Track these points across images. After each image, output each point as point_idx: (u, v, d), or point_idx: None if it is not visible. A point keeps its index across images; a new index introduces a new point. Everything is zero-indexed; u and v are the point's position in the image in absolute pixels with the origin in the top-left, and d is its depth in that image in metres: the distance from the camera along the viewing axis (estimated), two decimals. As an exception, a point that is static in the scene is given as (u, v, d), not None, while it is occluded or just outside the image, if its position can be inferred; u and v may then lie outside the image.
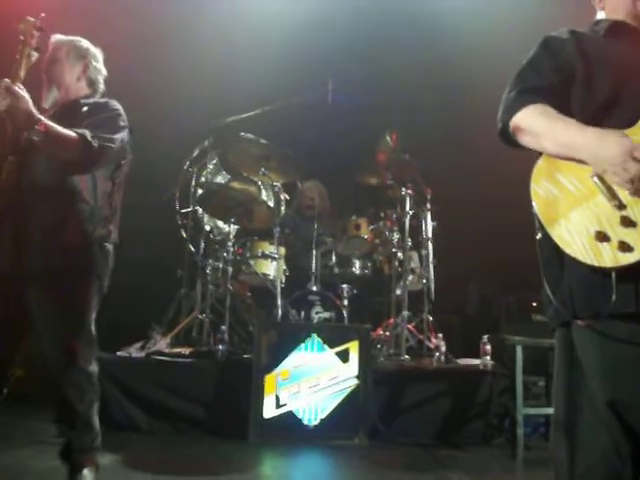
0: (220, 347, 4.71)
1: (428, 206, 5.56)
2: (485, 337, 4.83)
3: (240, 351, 4.88)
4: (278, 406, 4.29)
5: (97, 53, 3.12)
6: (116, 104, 3.01)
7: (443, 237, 5.72)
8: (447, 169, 6.28)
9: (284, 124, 5.76)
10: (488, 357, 4.80)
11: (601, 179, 1.71)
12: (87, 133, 2.72)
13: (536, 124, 1.85)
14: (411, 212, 5.44)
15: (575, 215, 1.72)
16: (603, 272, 1.66)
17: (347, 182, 6.09)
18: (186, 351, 4.80)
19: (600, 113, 1.81)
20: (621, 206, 1.67)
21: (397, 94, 6.35)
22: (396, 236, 5.47)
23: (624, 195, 1.68)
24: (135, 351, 4.81)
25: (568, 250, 1.71)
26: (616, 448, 1.70)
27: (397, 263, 5.46)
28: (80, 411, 2.80)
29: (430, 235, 5.53)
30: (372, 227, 5.58)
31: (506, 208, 4.42)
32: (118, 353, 4.74)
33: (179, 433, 4.40)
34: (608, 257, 1.65)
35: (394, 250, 5.46)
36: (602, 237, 1.66)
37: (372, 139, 5.76)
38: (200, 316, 5.20)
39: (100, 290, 2.90)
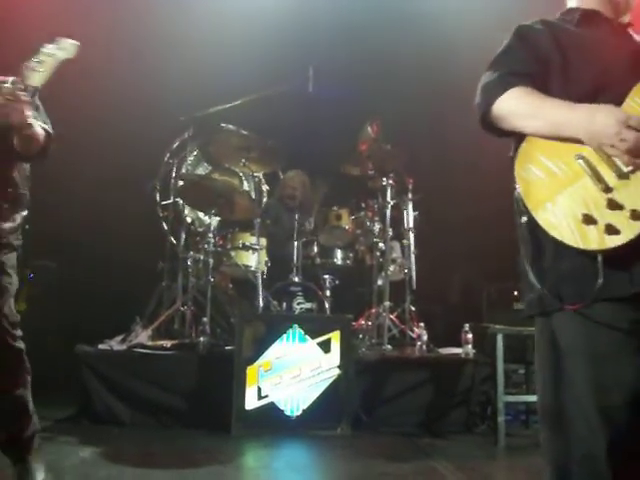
0: (202, 339, 4.70)
1: (410, 196, 5.57)
2: (466, 326, 4.85)
3: (222, 343, 4.86)
4: (260, 397, 4.28)
5: None
6: None
7: (426, 227, 5.73)
8: (430, 159, 6.29)
9: (265, 114, 5.73)
10: (470, 346, 4.82)
11: (587, 161, 1.70)
12: (48, 127, 2.71)
13: (523, 105, 1.82)
14: (392, 202, 5.44)
15: (561, 198, 1.71)
16: (590, 256, 1.66)
17: (328, 172, 6.07)
18: (168, 343, 4.78)
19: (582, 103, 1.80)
20: (607, 189, 1.66)
21: (380, 82, 6.34)
22: (377, 226, 5.47)
23: (610, 178, 1.68)
24: (116, 344, 4.79)
25: (554, 233, 1.70)
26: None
27: (378, 253, 5.46)
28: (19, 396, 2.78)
29: (412, 225, 5.54)
30: (353, 217, 5.57)
31: (489, 197, 4.42)
32: (99, 346, 4.71)
33: (161, 426, 4.39)
34: (595, 240, 1.64)
35: (375, 240, 5.46)
36: (589, 220, 1.65)
37: (354, 128, 5.75)
38: (182, 308, 5.18)
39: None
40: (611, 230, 1.62)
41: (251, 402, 4.26)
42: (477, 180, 5.81)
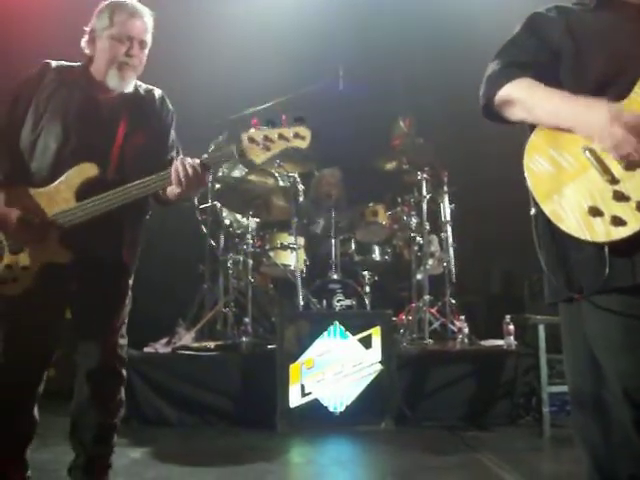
0: (244, 339, 4.77)
1: (445, 189, 5.55)
2: (508, 317, 4.82)
3: (264, 342, 4.92)
4: (304, 395, 4.33)
5: None
6: None
7: (463, 219, 5.71)
8: (463, 150, 6.25)
9: (297, 113, 5.75)
10: (512, 337, 4.79)
11: (593, 153, 1.71)
12: None
13: (524, 95, 1.84)
14: (428, 196, 5.44)
15: (568, 190, 1.72)
16: (597, 246, 1.67)
17: (363, 169, 6.08)
18: (211, 345, 4.86)
19: (594, 91, 1.80)
20: (614, 180, 1.67)
21: (410, 78, 6.33)
22: (414, 220, 5.47)
23: (617, 169, 1.68)
24: (161, 347, 4.88)
25: (561, 225, 1.71)
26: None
27: (416, 248, 5.47)
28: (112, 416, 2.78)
29: (449, 218, 5.53)
30: (390, 213, 5.58)
31: (524, 185, 4.40)
32: (145, 349, 4.81)
33: (208, 425, 4.47)
34: (601, 232, 1.65)
35: (413, 235, 5.47)
36: (595, 212, 1.66)
37: (386, 124, 5.75)
38: (223, 309, 5.26)
39: None
40: (617, 221, 1.63)
41: (295, 399, 4.31)
42: (512, 169, 5.74)
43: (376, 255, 5.67)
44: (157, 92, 2.89)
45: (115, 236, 2.67)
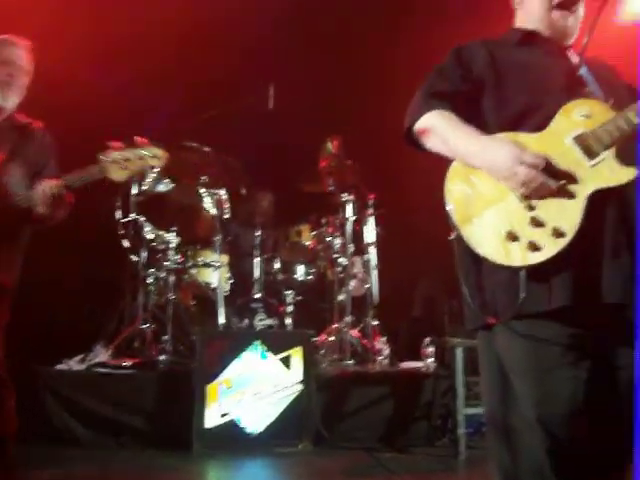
0: (162, 357, 4.67)
1: (370, 211, 5.61)
2: (427, 340, 4.89)
3: (183, 360, 4.83)
4: (221, 415, 4.25)
5: None
6: None
7: (388, 241, 5.77)
8: (391, 174, 6.33)
9: (226, 131, 5.73)
10: (431, 359, 4.86)
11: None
12: None
13: (440, 129, 1.89)
14: (353, 217, 5.48)
15: (487, 215, 1.76)
16: (514, 271, 1.71)
17: (289, 188, 6.09)
18: (128, 362, 4.73)
19: (513, 122, 1.86)
20: (531, 207, 1.72)
21: (341, 99, 6.38)
22: (339, 242, 5.50)
23: None
24: (75, 364, 4.72)
25: (479, 250, 1.75)
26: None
27: (339, 269, 5.49)
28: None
29: (373, 240, 5.58)
30: (314, 233, 5.60)
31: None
32: (58, 366, 4.65)
33: (122, 446, 4.33)
34: (517, 257, 1.70)
35: (336, 256, 5.49)
36: (512, 237, 1.70)
37: (315, 145, 5.77)
38: (142, 326, 5.13)
39: None
40: (533, 247, 1.68)
41: (212, 420, 4.23)
42: (439, 195, 5.86)
43: (299, 275, 5.67)
44: (39, 124, 3.08)
45: None
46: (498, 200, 1.77)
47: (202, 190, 5.56)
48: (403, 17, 6.10)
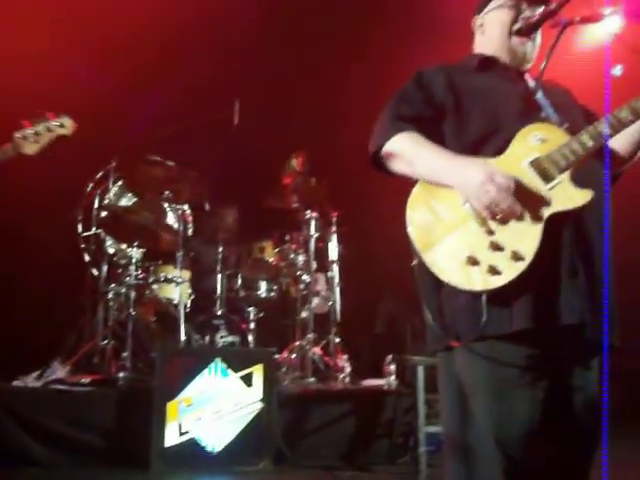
0: (122, 374, 4.60)
1: (334, 228, 5.62)
2: (389, 358, 4.90)
3: (142, 378, 4.76)
4: (181, 434, 4.19)
5: None
6: None
7: (352, 258, 5.79)
8: (355, 191, 6.36)
9: (191, 146, 5.71)
10: (392, 377, 4.86)
11: (472, 205, 1.78)
12: None
13: (407, 150, 1.91)
14: (316, 235, 5.49)
15: (448, 241, 1.78)
16: (476, 295, 1.73)
17: (252, 204, 6.08)
18: (86, 379, 4.65)
19: (472, 147, 1.88)
20: (490, 231, 1.74)
21: (306, 116, 6.39)
22: (302, 259, 5.50)
23: (493, 221, 1.75)
24: (32, 380, 4.63)
25: (441, 275, 1.77)
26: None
27: (302, 286, 5.49)
28: None
29: (336, 257, 5.59)
30: (277, 250, 5.59)
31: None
32: (14, 383, 4.55)
33: (80, 465, 4.23)
34: (478, 281, 1.71)
35: (299, 273, 5.48)
36: (473, 261, 1.72)
37: (279, 161, 5.78)
38: (102, 342, 5.06)
39: None
40: (493, 271, 1.70)
41: (171, 439, 4.16)
42: (402, 213, 5.89)
43: (262, 291, 5.65)
44: None
45: None
46: (458, 225, 1.78)
47: (165, 205, 5.53)
48: (369, 34, 6.16)
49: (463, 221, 1.78)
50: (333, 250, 5.61)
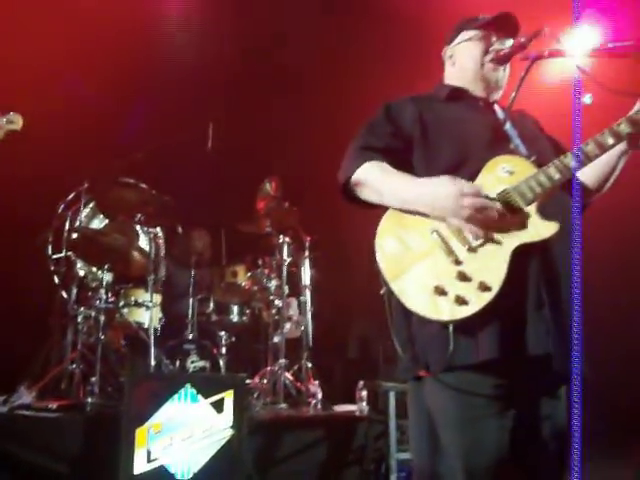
0: (90, 399, 4.52)
1: (307, 253, 5.62)
2: (360, 383, 4.88)
3: (111, 403, 4.69)
4: (149, 461, 4.12)
5: None
6: None
7: (325, 283, 5.78)
8: (329, 215, 6.38)
9: (164, 169, 5.70)
10: (364, 403, 4.84)
11: (440, 235, 1.79)
12: None
13: (376, 180, 1.92)
14: (289, 259, 5.48)
15: (416, 270, 1.79)
16: (443, 325, 1.73)
17: (225, 229, 6.07)
18: (53, 405, 4.57)
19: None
20: (458, 262, 1.76)
21: (281, 140, 6.42)
22: (274, 283, 5.48)
23: (461, 251, 1.77)
24: (-3, 406, 4.55)
25: (409, 304, 1.77)
26: None
27: (275, 310, 5.46)
28: None
29: (308, 282, 5.58)
30: (250, 274, 5.57)
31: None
32: (-23, 408, 4.46)
33: (44, 494, 4.16)
34: (446, 311, 1.72)
35: (272, 297, 5.46)
36: (440, 291, 1.73)
37: (253, 186, 5.78)
38: (70, 367, 4.97)
39: None
40: (461, 301, 1.71)
41: (140, 466, 4.08)
42: (373, 237, 5.91)
43: (234, 316, 5.62)
44: None
45: None
46: (426, 255, 1.80)
47: (137, 227, 5.49)
48: (339, 64, 6.21)
49: (431, 250, 1.79)
50: (306, 275, 5.60)
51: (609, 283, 5.14)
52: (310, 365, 5.40)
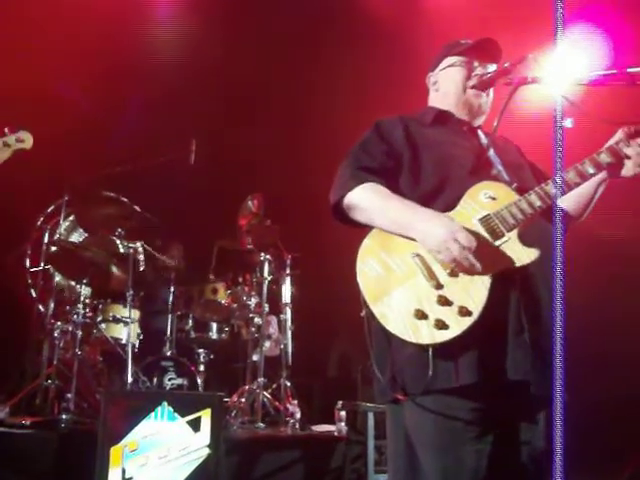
0: (64, 416, 4.45)
1: (287, 271, 5.60)
2: (339, 403, 4.85)
3: (86, 421, 4.62)
4: (124, 479, 4.07)
5: None
6: None
7: (305, 301, 5.76)
8: (310, 233, 6.37)
9: (146, 184, 5.66)
10: (343, 423, 4.81)
11: (421, 259, 1.79)
12: None
13: (370, 202, 1.92)
14: (270, 277, 5.45)
15: (397, 293, 1.79)
16: (423, 349, 1.73)
17: (206, 245, 6.03)
18: (27, 421, 4.50)
19: (424, 200, 1.91)
20: (439, 286, 1.76)
21: (263, 157, 6.41)
22: (254, 301, 5.46)
23: (442, 275, 1.77)
24: (-31, 421, 4.47)
25: (389, 327, 1.78)
26: None
27: (254, 328, 5.43)
28: None
29: (289, 300, 5.56)
30: (230, 291, 5.54)
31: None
32: (-52, 424, 4.38)
33: (15, 512, 4.09)
34: (426, 334, 1.72)
35: (251, 315, 5.43)
36: (421, 315, 1.73)
37: (235, 202, 5.76)
38: (45, 382, 4.90)
39: None
40: (441, 325, 1.71)
41: (114, 485, 4.04)
42: (355, 258, 5.91)
43: (213, 333, 5.59)
44: None
45: None
46: (407, 279, 1.80)
47: (117, 242, 5.45)
48: (324, 80, 6.23)
49: (412, 274, 1.80)
50: (286, 293, 5.58)
51: (589, 305, 5.16)
52: (289, 384, 5.36)
